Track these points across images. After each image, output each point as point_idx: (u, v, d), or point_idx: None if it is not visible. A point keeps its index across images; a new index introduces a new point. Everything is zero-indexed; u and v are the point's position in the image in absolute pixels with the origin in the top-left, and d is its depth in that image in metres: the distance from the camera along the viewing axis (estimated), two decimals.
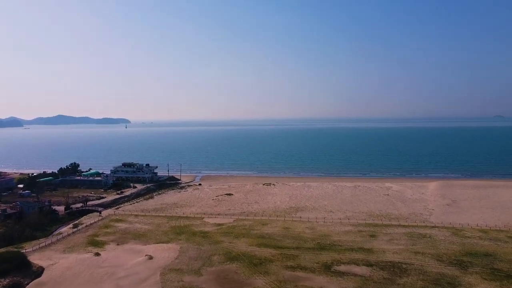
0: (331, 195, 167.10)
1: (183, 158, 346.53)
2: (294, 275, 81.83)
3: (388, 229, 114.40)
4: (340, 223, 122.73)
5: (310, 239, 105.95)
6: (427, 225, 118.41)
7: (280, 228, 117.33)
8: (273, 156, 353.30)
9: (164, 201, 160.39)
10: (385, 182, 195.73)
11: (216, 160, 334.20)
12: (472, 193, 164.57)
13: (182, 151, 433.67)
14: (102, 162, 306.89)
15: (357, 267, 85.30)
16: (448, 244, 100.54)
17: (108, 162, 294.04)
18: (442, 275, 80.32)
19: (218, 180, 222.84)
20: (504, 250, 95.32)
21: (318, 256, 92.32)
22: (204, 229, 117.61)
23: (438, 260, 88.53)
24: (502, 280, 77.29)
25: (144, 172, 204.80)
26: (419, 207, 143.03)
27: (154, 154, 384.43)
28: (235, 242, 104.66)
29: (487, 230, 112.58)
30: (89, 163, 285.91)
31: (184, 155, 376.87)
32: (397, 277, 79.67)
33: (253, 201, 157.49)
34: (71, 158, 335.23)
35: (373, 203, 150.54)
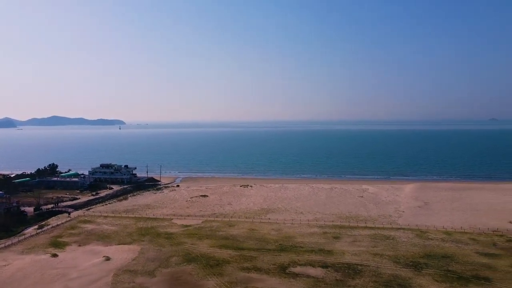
0: (306, 196, 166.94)
1: (168, 160, 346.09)
2: (248, 276, 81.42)
3: (353, 231, 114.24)
4: (307, 224, 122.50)
5: (273, 241, 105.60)
6: (393, 227, 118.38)
7: (246, 230, 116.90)
8: (259, 158, 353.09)
9: (137, 203, 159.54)
10: (363, 184, 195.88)
11: (202, 162, 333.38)
12: (446, 196, 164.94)
13: (170, 152, 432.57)
14: (87, 163, 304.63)
15: (312, 269, 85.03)
16: (409, 246, 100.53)
17: (91, 163, 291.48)
18: (395, 276, 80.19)
19: (199, 181, 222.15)
20: (463, 252, 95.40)
21: (276, 258, 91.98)
22: (169, 231, 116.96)
23: (395, 262, 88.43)
24: (453, 282, 77.26)
25: (122, 173, 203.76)
26: (390, 209, 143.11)
27: (141, 155, 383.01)
28: (197, 243, 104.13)
29: (451, 232, 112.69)
30: (72, 164, 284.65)
31: (170, 157, 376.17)
32: (349, 279, 79.43)
33: (227, 202, 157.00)
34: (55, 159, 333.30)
35: (346, 205, 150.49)
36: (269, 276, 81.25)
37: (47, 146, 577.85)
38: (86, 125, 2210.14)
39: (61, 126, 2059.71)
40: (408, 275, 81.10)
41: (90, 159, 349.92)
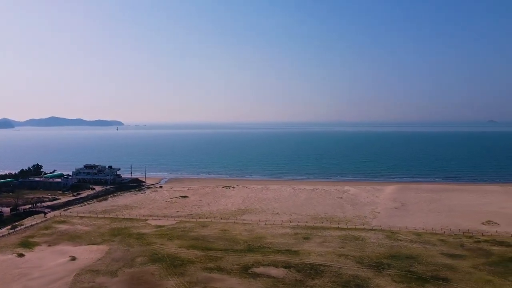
0: (285, 197, 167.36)
1: (159, 161, 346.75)
2: (209, 276, 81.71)
3: (324, 232, 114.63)
4: (280, 225, 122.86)
5: (242, 241, 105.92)
6: (365, 228, 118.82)
7: (218, 230, 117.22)
8: (249, 160, 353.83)
9: (116, 203, 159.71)
10: (345, 186, 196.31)
11: (192, 163, 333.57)
12: (425, 197, 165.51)
13: (162, 153, 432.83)
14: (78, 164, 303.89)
15: (274, 269, 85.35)
16: (376, 246, 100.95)
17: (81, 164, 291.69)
18: (355, 277, 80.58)
19: (184, 182, 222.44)
20: (428, 253, 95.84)
21: (241, 258, 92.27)
22: (142, 231, 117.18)
23: (358, 262, 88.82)
24: (411, 282, 77.65)
25: (105, 174, 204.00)
26: (366, 210, 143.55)
27: (132, 156, 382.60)
28: (166, 244, 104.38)
29: (422, 233, 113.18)
30: (64, 164, 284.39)
31: (161, 158, 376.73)
32: (309, 279, 79.79)
33: (205, 203, 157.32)
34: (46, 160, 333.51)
35: (323, 206, 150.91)
36: (230, 276, 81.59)
37: (40, 147, 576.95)
38: (84, 125, 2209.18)
39: (59, 127, 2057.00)
40: (368, 275, 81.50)
41: (81, 159, 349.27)
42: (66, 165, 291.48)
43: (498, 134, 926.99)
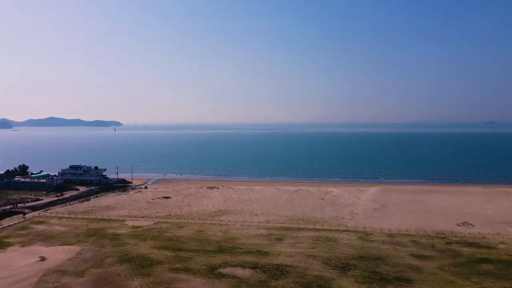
0: (268, 198, 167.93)
1: (151, 161, 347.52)
2: (174, 277, 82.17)
3: (299, 233, 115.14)
4: (256, 226, 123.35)
5: (215, 242, 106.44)
6: (340, 229, 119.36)
7: (193, 231, 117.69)
8: (240, 161, 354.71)
9: (98, 204, 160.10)
10: (330, 187, 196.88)
11: (182, 164, 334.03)
12: (407, 198, 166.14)
13: (154, 154, 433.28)
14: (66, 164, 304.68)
15: (241, 270, 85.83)
16: (347, 247, 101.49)
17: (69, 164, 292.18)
18: (318, 278, 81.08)
19: (170, 183, 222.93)
20: (397, 254, 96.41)
21: (211, 259, 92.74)
22: (118, 232, 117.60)
23: (325, 263, 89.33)
24: (373, 283, 78.18)
25: (91, 175, 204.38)
26: (345, 211, 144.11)
27: (124, 157, 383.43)
28: (139, 244, 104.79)
29: (395, 235, 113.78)
30: (54, 165, 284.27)
31: (153, 158, 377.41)
32: (273, 280, 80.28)
33: (186, 204, 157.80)
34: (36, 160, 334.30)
35: (303, 207, 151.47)
36: (195, 277, 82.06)
37: (33, 147, 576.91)
38: (82, 126, 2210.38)
39: (58, 127, 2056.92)
40: (332, 276, 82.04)
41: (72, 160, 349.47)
42: (55, 165, 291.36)
43: (495, 136, 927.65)
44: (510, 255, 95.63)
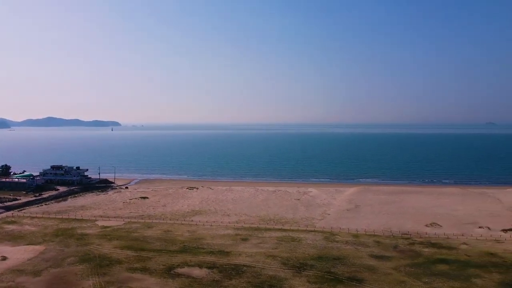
0: (244, 199, 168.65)
1: (139, 161, 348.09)
2: (130, 276, 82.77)
3: (265, 233, 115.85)
4: (225, 226, 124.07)
5: (180, 242, 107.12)
6: (307, 230, 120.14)
7: (161, 231, 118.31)
8: (229, 161, 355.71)
9: (74, 204, 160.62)
10: (309, 187, 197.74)
11: (169, 164, 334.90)
12: (382, 199, 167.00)
13: (144, 154, 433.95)
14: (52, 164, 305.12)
15: (198, 269, 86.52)
16: (309, 248, 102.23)
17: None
18: (272, 277, 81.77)
19: (153, 183, 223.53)
20: (357, 254, 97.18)
21: (171, 259, 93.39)
22: (86, 232, 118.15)
23: (283, 264, 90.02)
24: (324, 283, 78.88)
25: (72, 175, 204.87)
26: (318, 212, 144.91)
27: (112, 157, 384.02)
28: (104, 244, 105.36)
29: (361, 235, 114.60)
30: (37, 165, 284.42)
31: (142, 158, 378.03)
32: (226, 279, 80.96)
33: (162, 204, 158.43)
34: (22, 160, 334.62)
35: (278, 207, 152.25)
36: (150, 276, 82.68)
37: (24, 147, 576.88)
38: (81, 126, 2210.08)
39: (56, 127, 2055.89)
40: (286, 276, 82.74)
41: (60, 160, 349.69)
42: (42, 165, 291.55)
43: (491, 137, 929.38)
44: (469, 256, 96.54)
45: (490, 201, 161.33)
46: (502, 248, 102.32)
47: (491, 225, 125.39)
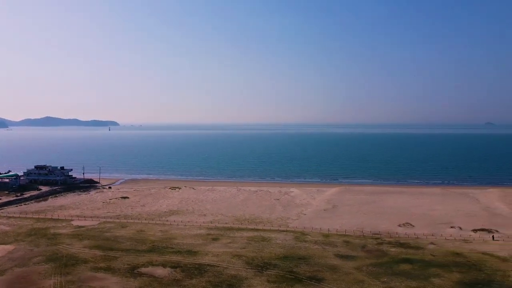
0: (224, 199, 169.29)
1: (128, 161, 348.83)
2: (92, 275, 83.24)
3: (237, 233, 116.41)
4: (199, 226, 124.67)
5: (150, 242, 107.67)
6: (280, 229, 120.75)
7: (134, 231, 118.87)
8: (219, 161, 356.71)
9: (54, 204, 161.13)
10: (292, 187, 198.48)
11: (159, 164, 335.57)
12: (362, 199, 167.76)
13: (135, 154, 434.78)
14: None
15: (161, 269, 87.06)
16: (277, 248, 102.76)
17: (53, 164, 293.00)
18: (233, 277, 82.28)
19: (138, 183, 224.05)
20: (323, 254, 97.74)
21: (137, 258, 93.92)
22: (59, 231, 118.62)
23: (247, 263, 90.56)
24: (283, 283, 79.34)
25: (55, 175, 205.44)
26: (294, 211, 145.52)
27: (102, 157, 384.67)
28: (74, 244, 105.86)
29: (331, 235, 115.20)
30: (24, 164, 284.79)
31: (132, 158, 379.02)
32: (187, 279, 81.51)
33: (141, 204, 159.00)
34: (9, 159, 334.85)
35: (256, 207, 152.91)
36: (112, 276, 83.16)
37: (17, 147, 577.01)
38: (79, 126, 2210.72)
39: (54, 127, 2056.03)
40: (247, 275, 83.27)
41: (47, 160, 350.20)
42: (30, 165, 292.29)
43: (488, 137, 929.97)
44: (434, 256, 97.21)
45: (469, 201, 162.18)
46: (468, 248, 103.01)
47: (463, 225, 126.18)
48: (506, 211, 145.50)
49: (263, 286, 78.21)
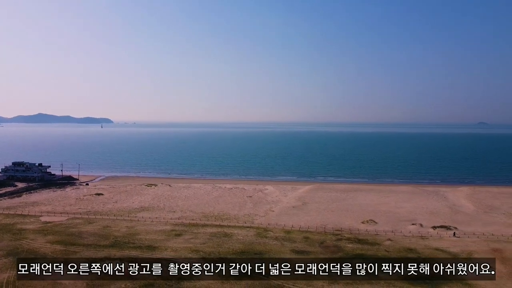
0: (198, 195, 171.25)
1: (113, 158, 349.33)
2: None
3: (201, 229, 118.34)
4: (165, 223, 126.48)
5: (113, 237, 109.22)
6: (244, 226, 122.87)
7: (100, 227, 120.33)
8: (205, 159, 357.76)
9: (27, 200, 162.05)
10: (267, 185, 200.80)
11: (143, 161, 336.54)
12: (332, 196, 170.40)
13: (122, 151, 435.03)
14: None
15: (117, 263, 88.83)
16: (237, 243, 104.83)
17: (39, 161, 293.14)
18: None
19: (116, 180, 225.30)
20: (280, 249, 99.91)
21: (96, 253, 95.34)
22: (26, 227, 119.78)
23: (203, 258, 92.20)
24: (232, 277, 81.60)
25: (33, 172, 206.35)
26: (263, 208, 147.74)
27: (88, 154, 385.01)
28: (38, 239, 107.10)
29: (293, 231, 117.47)
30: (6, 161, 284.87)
31: (115, 156, 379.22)
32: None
33: (114, 201, 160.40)
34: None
35: (226, 204, 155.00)
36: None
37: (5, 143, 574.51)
38: (72, 123, 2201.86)
39: (47, 124, 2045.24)
40: (200, 269, 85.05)
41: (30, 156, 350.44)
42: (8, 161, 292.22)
43: (479, 136, 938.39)
44: (388, 251, 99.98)
45: (436, 199, 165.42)
46: (423, 244, 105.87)
47: (425, 222, 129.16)
48: (470, 208, 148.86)
49: (212, 280, 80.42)
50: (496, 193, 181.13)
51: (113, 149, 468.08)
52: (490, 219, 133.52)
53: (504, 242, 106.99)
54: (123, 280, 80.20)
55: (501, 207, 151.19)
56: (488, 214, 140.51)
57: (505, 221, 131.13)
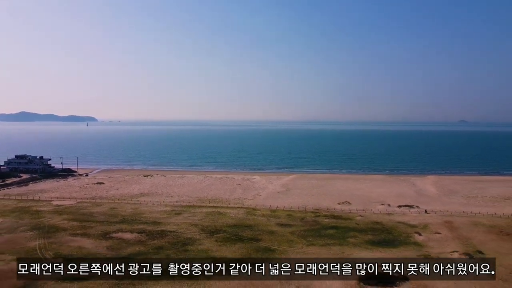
0: (191, 184, 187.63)
1: (106, 153, 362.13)
2: (70, 239, 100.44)
3: (198, 209, 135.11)
4: (165, 205, 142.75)
5: (121, 216, 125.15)
6: (235, 206, 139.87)
7: (108, 208, 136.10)
8: (199, 154, 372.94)
9: (34, 188, 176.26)
10: (255, 175, 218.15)
11: (135, 156, 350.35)
12: (313, 183, 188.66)
13: (112, 146, 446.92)
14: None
15: (129, 234, 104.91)
16: (229, 219, 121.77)
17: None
18: (188, 239, 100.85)
19: (113, 172, 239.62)
20: (267, 223, 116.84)
21: (109, 227, 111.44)
22: (41, 209, 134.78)
23: (202, 230, 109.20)
24: (227, 242, 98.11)
25: (35, 164, 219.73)
26: (252, 193, 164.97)
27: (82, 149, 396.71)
28: (54, 217, 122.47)
29: (278, 210, 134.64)
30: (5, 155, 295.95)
31: (108, 151, 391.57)
32: (150, 240, 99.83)
33: (115, 188, 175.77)
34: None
35: (218, 190, 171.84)
36: (87, 239, 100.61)
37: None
38: (56, 121, 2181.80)
39: (30, 122, 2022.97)
40: (200, 238, 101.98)
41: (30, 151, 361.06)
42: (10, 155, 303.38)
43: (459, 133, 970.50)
44: (358, 224, 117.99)
45: (405, 185, 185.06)
46: (388, 219, 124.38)
47: (393, 203, 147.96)
48: (433, 192, 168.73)
49: (211, 244, 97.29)
50: (459, 180, 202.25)
51: (104, 145, 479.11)
52: (448, 200, 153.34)
53: (456, 217, 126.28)
54: (137, 245, 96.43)
55: (461, 191, 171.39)
56: (448, 196, 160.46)
57: (462, 201, 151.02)
